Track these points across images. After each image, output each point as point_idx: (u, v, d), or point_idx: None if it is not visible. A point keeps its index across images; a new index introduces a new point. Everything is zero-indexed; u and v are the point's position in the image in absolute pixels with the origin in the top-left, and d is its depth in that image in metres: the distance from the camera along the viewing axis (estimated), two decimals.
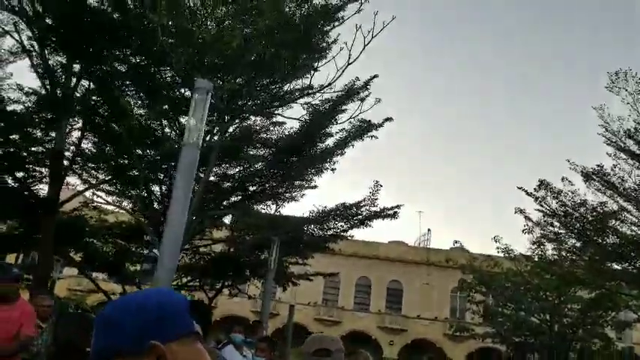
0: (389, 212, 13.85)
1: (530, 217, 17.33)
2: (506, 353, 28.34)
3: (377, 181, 13.93)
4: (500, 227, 74.12)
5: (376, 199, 13.75)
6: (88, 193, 14.78)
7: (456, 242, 24.63)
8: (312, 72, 11.11)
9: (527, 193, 16.50)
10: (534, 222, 17.19)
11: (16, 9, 11.07)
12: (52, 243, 11.65)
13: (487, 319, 24.81)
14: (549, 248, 18.18)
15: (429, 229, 43.30)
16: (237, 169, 14.71)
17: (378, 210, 13.84)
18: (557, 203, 16.20)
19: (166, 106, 12.68)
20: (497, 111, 74.71)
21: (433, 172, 75.45)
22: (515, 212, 17.61)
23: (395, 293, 39.39)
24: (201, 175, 11.48)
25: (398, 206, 14.00)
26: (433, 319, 37.64)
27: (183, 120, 13.36)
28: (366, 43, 9.95)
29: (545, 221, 17.00)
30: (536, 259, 19.29)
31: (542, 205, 16.32)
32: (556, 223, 16.69)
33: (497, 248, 20.70)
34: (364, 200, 13.83)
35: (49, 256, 11.85)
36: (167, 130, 13.43)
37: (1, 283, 4.99)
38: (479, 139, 74.78)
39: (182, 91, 12.85)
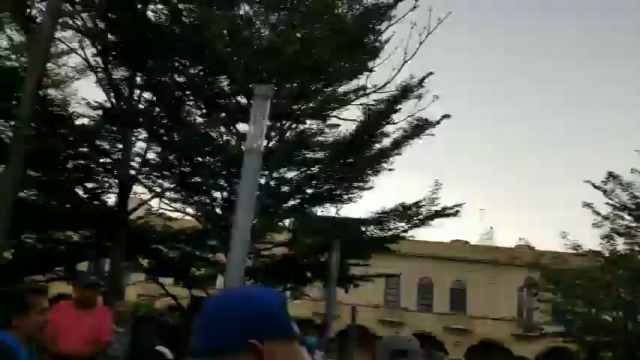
0: (450, 211, 13.65)
1: (598, 211, 16.66)
2: (578, 353, 27.26)
3: (437, 180, 13.76)
4: (567, 223, 71.30)
5: (436, 198, 13.59)
6: (153, 201, 15.31)
7: (521, 239, 23.88)
8: (368, 73, 11.10)
9: (595, 187, 15.88)
10: (603, 216, 16.51)
11: (81, 28, 11.64)
12: (124, 251, 12.12)
13: (556, 317, 23.95)
14: (620, 242, 17.39)
15: (491, 227, 42.33)
16: (294, 173, 14.86)
17: (439, 209, 13.66)
18: (627, 196, 15.51)
19: (224, 114, 12.99)
20: (558, 104, 72.08)
21: (493, 168, 73.56)
22: (583, 206, 16.99)
23: (458, 293, 38.64)
24: (261, 181, 11.67)
25: (459, 204, 13.78)
26: (500, 318, 36.67)
27: (240, 127, 13.66)
28: (421, 40, 9.85)
29: (615, 215, 16.32)
30: (606, 255, 18.49)
31: (611, 199, 15.66)
32: (627, 217, 15.98)
33: (566, 244, 19.99)
34: (424, 199, 13.68)
35: (121, 263, 12.34)
36: (225, 137, 13.75)
37: (81, 289, 5.23)
38: (538, 132, 72.36)
39: (238, 98, 13.13)
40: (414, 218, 14.01)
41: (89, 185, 13.39)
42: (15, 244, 15.12)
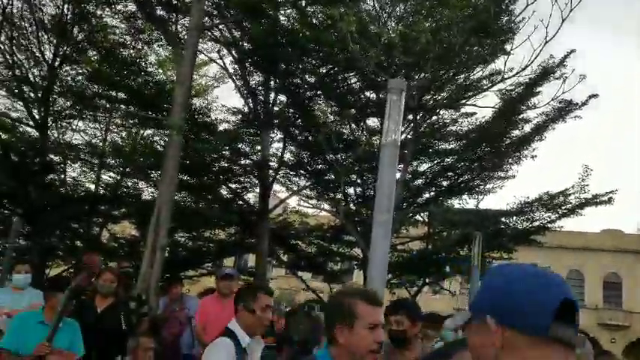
0: (602, 198, 12.53)
1: None
2: None
3: (587, 166, 12.69)
4: None
5: (586, 186, 12.53)
6: (291, 199, 15.89)
7: None
8: (506, 56, 10.52)
9: None
10: None
11: (220, 39, 12.34)
12: (267, 247, 12.70)
13: None
14: None
15: None
16: (428, 165, 14.57)
17: (590, 197, 12.59)
18: None
19: (354, 110, 13.07)
20: None
21: None
22: None
23: (613, 287, 35.48)
24: (397, 175, 11.57)
25: (613, 191, 12.60)
26: None
27: (370, 122, 13.66)
28: (563, 17, 9.12)
29: None
30: None
31: None
32: None
33: None
34: (572, 187, 12.69)
35: (264, 259, 12.94)
36: (356, 133, 13.84)
37: (218, 281, 5.61)
38: None
39: (367, 94, 13.14)
40: (562, 208, 13.06)
41: (233, 186, 14.18)
42: (171, 243, 16.55)
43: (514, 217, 13.60)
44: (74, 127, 15.08)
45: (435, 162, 14.33)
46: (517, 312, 0.97)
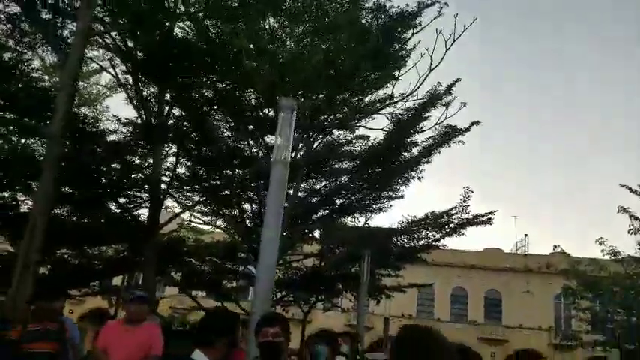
0: (482, 219, 13.41)
1: (635, 216, 16.12)
2: None
3: (467, 188, 13.54)
4: (601, 229, 69.25)
5: (467, 206, 13.36)
6: (184, 215, 15.47)
7: (556, 246, 23.26)
8: (394, 82, 11.03)
9: (632, 191, 15.39)
10: None
11: (111, 46, 11.88)
12: (155, 264, 12.24)
13: (596, 326, 23.20)
14: None
15: (525, 235, 41.44)
16: (323, 184, 14.84)
17: (471, 217, 13.43)
18: None
19: (252, 127, 13.06)
20: (593, 104, 70.56)
21: (525, 174, 72.26)
22: (619, 211, 16.46)
23: (493, 303, 37.88)
24: (290, 192, 11.66)
25: (492, 212, 13.53)
26: (536, 328, 35.79)
27: (268, 139, 13.71)
28: (447, 47, 9.76)
29: None
30: None
31: None
32: None
33: (602, 250, 19.33)
34: (455, 208, 13.47)
35: (152, 276, 12.46)
36: (254, 149, 13.81)
37: (130, 304, 5.17)
38: (571, 134, 70.87)
39: (265, 111, 13.19)
40: (446, 227, 13.80)
41: (121, 201, 13.57)
42: (52, 260, 15.45)
43: (402, 236, 14.16)
44: None
45: (330, 181, 14.64)
46: None
